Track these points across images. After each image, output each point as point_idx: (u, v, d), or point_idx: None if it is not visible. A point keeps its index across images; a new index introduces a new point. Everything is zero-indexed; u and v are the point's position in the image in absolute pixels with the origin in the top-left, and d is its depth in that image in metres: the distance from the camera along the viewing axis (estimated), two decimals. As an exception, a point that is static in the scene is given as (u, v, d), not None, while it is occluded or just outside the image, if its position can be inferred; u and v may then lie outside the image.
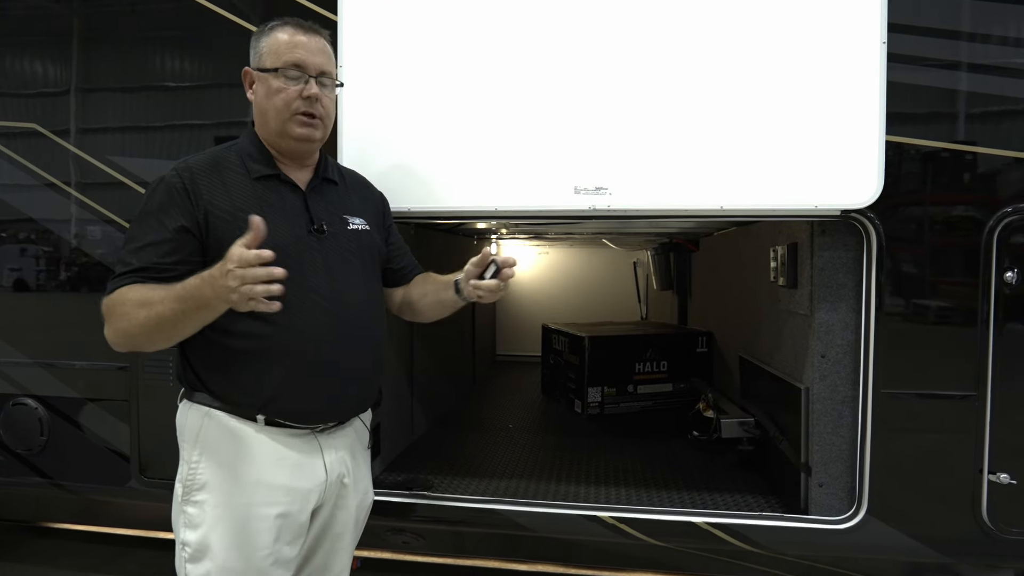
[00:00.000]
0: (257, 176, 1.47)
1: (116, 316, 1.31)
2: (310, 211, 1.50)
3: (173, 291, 1.26)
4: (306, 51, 1.47)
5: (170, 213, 1.37)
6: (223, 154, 1.49)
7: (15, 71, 2.44)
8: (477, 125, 2.01)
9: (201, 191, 1.40)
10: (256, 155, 1.50)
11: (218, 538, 1.37)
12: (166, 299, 1.26)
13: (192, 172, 1.41)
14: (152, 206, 1.39)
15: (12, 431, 2.39)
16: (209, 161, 1.46)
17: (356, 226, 1.58)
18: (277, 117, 1.47)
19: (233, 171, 1.46)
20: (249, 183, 1.46)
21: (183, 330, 1.31)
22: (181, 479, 1.43)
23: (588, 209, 1.95)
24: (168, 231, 1.36)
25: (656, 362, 3.82)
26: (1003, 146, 1.88)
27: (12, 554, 2.90)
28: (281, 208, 1.46)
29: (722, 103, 1.89)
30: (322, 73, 1.49)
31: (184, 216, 1.37)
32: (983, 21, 1.85)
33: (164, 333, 1.30)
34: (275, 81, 1.45)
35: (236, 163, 1.47)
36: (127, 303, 1.30)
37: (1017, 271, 1.86)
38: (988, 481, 1.88)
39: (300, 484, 1.44)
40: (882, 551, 1.97)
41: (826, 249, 2.01)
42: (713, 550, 2.13)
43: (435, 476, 2.48)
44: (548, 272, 5.77)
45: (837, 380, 2.02)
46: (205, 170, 1.43)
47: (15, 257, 2.46)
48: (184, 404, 1.47)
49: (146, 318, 1.27)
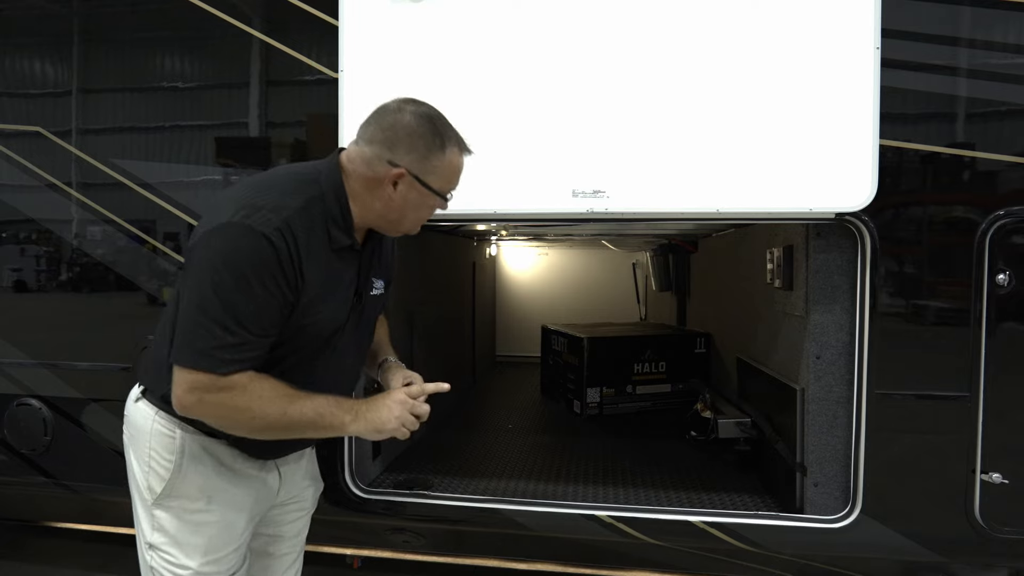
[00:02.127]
0: (338, 247, 1.35)
1: (229, 406, 1.25)
2: (360, 272, 1.44)
3: (313, 400, 1.30)
4: (459, 179, 1.44)
5: (279, 282, 1.24)
6: (313, 210, 1.31)
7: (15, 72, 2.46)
8: (476, 128, 2.01)
9: (302, 261, 1.27)
10: (341, 223, 1.35)
11: (195, 542, 1.39)
12: (303, 407, 1.28)
13: (295, 236, 1.26)
14: (258, 267, 1.22)
15: (16, 431, 2.40)
16: (302, 221, 1.28)
17: (377, 291, 1.52)
18: (407, 216, 1.40)
19: (318, 236, 1.31)
20: (331, 254, 1.34)
21: (292, 434, 1.34)
22: (149, 486, 1.40)
23: (586, 212, 1.98)
24: (278, 301, 1.25)
25: (655, 363, 3.85)
26: (995, 150, 1.90)
27: (16, 553, 2.92)
28: (346, 282, 1.40)
29: (718, 107, 1.92)
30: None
31: (290, 288, 1.26)
32: (978, 27, 1.88)
33: (279, 433, 1.33)
34: (434, 200, 1.38)
35: (320, 224, 1.32)
36: (253, 400, 1.25)
37: (1009, 273, 1.88)
38: (981, 481, 1.90)
39: (263, 487, 1.49)
40: (876, 550, 1.99)
41: (821, 251, 2.03)
42: (710, 549, 2.15)
43: (435, 476, 2.50)
44: (547, 273, 5.79)
45: (832, 381, 2.04)
46: (303, 234, 1.27)
47: (16, 257, 2.49)
48: (149, 410, 1.41)
49: (276, 420, 1.27)
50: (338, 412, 1.32)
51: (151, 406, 1.41)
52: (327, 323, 1.37)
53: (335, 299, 1.37)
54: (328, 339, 1.39)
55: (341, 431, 1.34)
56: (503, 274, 5.83)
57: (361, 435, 1.36)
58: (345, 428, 1.33)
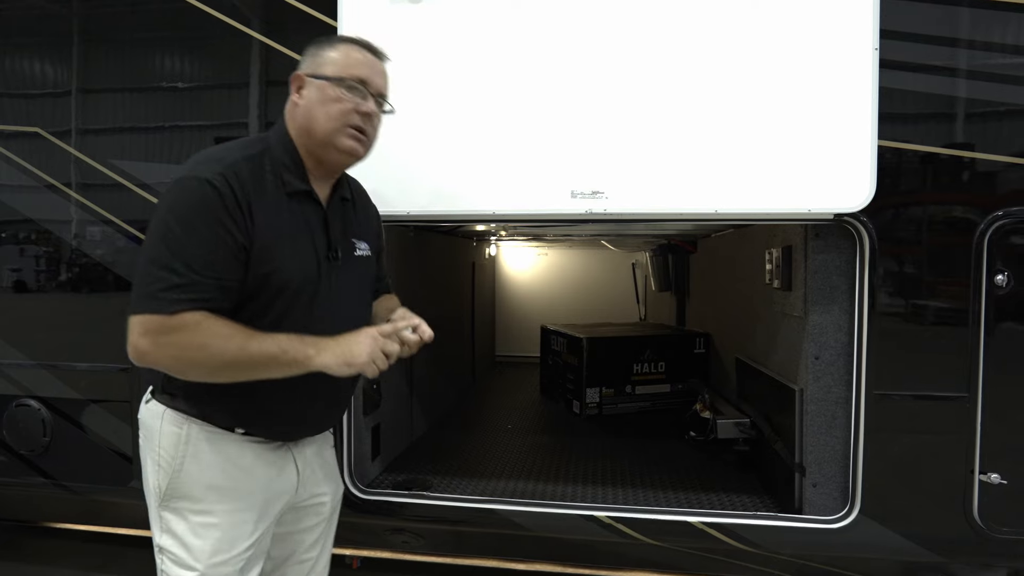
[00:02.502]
0: (291, 191, 1.39)
1: (183, 345, 1.24)
2: (328, 234, 1.45)
3: (275, 336, 1.27)
4: (372, 70, 1.45)
5: (225, 224, 1.26)
6: (257, 159, 1.37)
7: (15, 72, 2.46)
8: (475, 130, 2.03)
9: (250, 204, 1.29)
10: (291, 166, 1.40)
11: (200, 544, 1.38)
12: (263, 343, 1.25)
13: (240, 179, 1.29)
14: (202, 210, 1.26)
15: (15, 432, 2.41)
16: (246, 167, 1.33)
17: (361, 252, 1.55)
18: (328, 125, 1.40)
19: (268, 183, 1.36)
20: (284, 200, 1.37)
21: (258, 375, 1.29)
22: (158, 485, 1.40)
23: (584, 213, 1.98)
24: (229, 245, 1.26)
25: (654, 363, 3.85)
26: (994, 150, 1.91)
27: (15, 554, 2.92)
28: (307, 230, 1.41)
29: (717, 108, 1.92)
30: (382, 96, 1.47)
31: (240, 231, 1.27)
32: (978, 28, 1.88)
33: (240, 373, 1.28)
34: (334, 90, 1.40)
35: (271, 173, 1.37)
36: (209, 337, 1.24)
37: (1008, 274, 1.88)
38: (979, 481, 1.90)
39: (276, 485, 1.47)
40: (875, 550, 1.99)
41: (820, 252, 2.04)
42: (709, 549, 2.15)
43: (434, 476, 2.51)
44: (547, 273, 5.80)
45: (831, 381, 2.04)
46: (248, 179, 1.31)
47: (15, 258, 2.49)
48: (158, 408, 1.43)
49: (234, 357, 1.24)
50: (301, 346, 1.28)
51: (160, 404, 1.43)
52: (293, 274, 1.35)
53: (298, 249, 1.37)
54: (299, 295, 1.37)
55: (306, 365, 1.29)
56: (503, 274, 5.84)
57: (328, 369, 1.29)
58: (310, 361, 1.28)
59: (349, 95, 1.41)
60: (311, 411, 1.49)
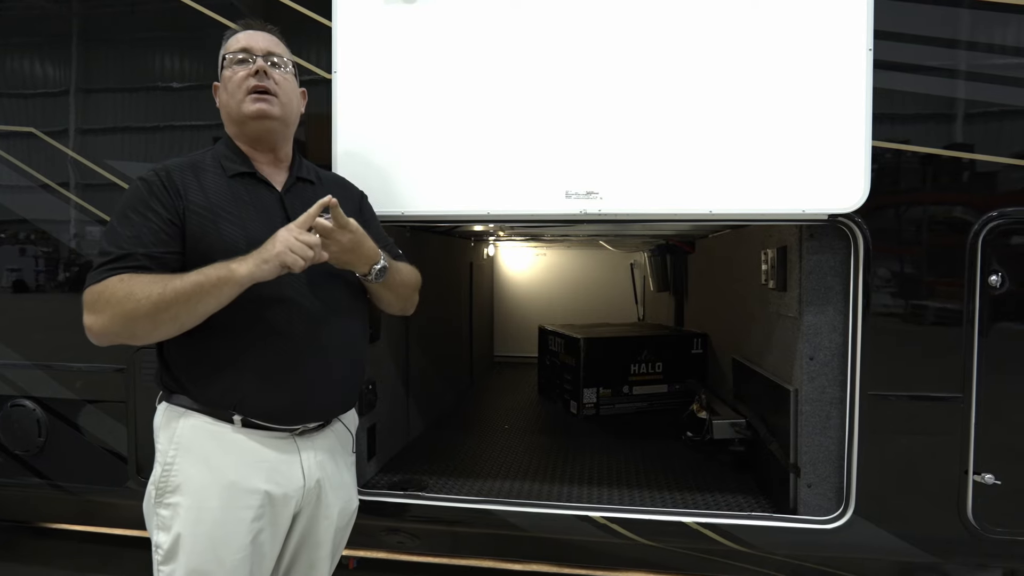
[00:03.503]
0: (233, 174, 1.50)
1: (114, 301, 1.29)
2: (286, 210, 1.51)
3: (193, 272, 1.31)
4: (250, 38, 1.54)
5: (152, 207, 1.39)
6: (199, 157, 1.54)
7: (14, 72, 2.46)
8: (470, 130, 2.04)
9: (179, 187, 1.43)
10: (231, 155, 1.53)
11: (191, 541, 1.37)
12: (186, 276, 1.30)
13: (168, 170, 1.45)
14: (133, 202, 1.41)
15: (10, 432, 2.41)
16: (185, 162, 1.50)
17: None
18: (233, 101, 1.51)
19: (209, 171, 1.49)
20: (225, 181, 1.49)
21: (197, 308, 1.31)
22: (154, 481, 1.42)
23: (579, 213, 1.98)
24: (154, 222, 1.38)
25: (651, 363, 3.85)
26: (989, 151, 1.91)
27: (10, 554, 2.92)
28: (257, 206, 1.49)
29: (711, 109, 1.92)
30: (269, 53, 1.53)
31: (167, 209, 1.40)
32: (972, 28, 1.88)
33: (175, 311, 1.29)
34: (228, 71, 1.52)
35: (212, 164, 1.51)
36: (134, 285, 1.29)
37: (1002, 274, 1.89)
38: (973, 481, 1.91)
39: (277, 487, 1.44)
40: (869, 551, 1.99)
41: (814, 253, 2.04)
42: (703, 550, 2.15)
43: (430, 476, 2.51)
44: (545, 273, 5.80)
45: (825, 382, 2.04)
46: (181, 169, 1.47)
47: (11, 258, 2.49)
48: (162, 406, 1.47)
49: (160, 295, 1.28)
50: (223, 265, 1.32)
51: (161, 403, 1.48)
52: (237, 239, 1.40)
53: (243, 217, 1.45)
54: None
55: (232, 279, 1.31)
56: (501, 274, 5.84)
57: (254, 276, 1.32)
58: (235, 274, 1.31)
59: (239, 67, 1.51)
60: (297, 378, 1.45)
